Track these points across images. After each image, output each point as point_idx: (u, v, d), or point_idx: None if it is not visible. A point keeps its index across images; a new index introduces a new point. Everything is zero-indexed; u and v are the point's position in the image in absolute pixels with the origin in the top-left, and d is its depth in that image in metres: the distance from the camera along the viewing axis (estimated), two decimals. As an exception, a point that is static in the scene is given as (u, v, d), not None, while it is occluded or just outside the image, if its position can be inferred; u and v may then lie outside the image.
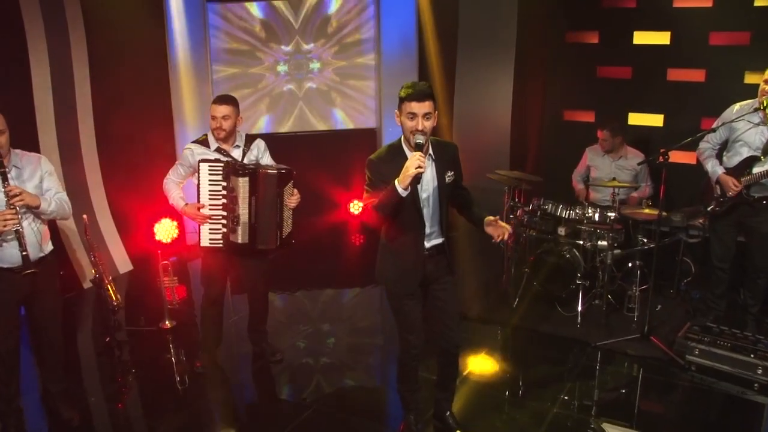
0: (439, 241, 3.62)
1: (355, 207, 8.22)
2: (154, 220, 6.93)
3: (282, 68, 7.89)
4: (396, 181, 3.22)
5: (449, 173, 3.51)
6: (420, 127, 3.27)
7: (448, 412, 4.02)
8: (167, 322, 5.49)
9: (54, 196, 3.87)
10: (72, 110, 6.31)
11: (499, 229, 3.52)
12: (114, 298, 5.19)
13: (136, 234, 6.94)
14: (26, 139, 5.89)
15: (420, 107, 3.27)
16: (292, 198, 4.53)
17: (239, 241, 4.41)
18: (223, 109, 4.33)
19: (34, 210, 3.72)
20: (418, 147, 3.24)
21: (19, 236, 3.61)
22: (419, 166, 3.15)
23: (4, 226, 3.54)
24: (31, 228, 3.77)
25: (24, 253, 3.63)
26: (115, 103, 6.63)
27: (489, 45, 7.20)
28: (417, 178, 3.21)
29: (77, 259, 6.30)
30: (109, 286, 5.20)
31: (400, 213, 3.43)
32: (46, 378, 4.21)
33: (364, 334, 5.48)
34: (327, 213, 8.17)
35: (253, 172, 4.35)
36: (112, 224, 6.81)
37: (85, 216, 5.27)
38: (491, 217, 3.58)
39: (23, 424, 4.16)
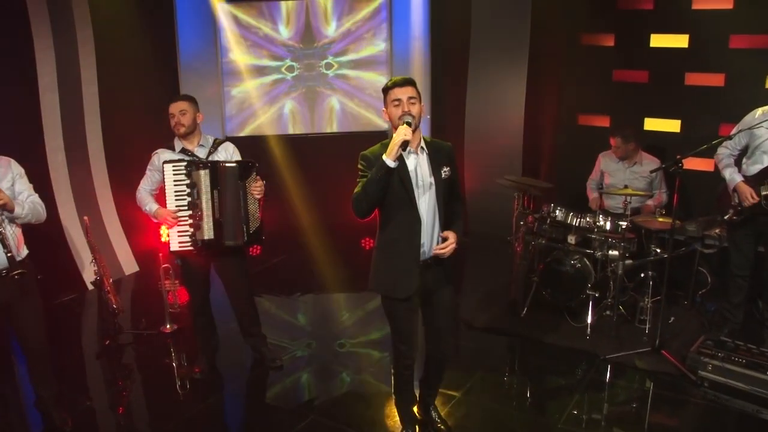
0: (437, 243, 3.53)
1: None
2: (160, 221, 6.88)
3: (293, 69, 7.81)
4: (383, 155, 3.24)
5: (445, 169, 3.49)
6: (407, 109, 3.29)
7: (432, 406, 4.08)
8: (168, 326, 5.43)
9: (27, 200, 3.81)
10: (79, 111, 6.29)
11: (444, 244, 3.46)
12: (114, 301, 5.14)
13: (142, 235, 6.90)
14: (32, 140, 5.90)
15: (403, 91, 3.32)
16: (255, 185, 4.41)
17: (205, 237, 4.38)
18: (179, 105, 4.34)
19: (8, 214, 3.65)
20: (407, 125, 3.25)
21: (3, 237, 3.55)
22: (405, 135, 3.18)
23: None
24: (10, 230, 3.71)
25: (9, 254, 3.56)
26: (122, 104, 6.60)
27: (502, 47, 7.03)
28: (404, 146, 3.22)
29: (81, 260, 6.26)
30: (109, 288, 5.15)
31: (397, 214, 3.40)
32: (36, 383, 4.14)
33: (369, 342, 5.36)
34: (337, 217, 8.05)
35: (213, 165, 4.34)
36: (118, 225, 6.78)
37: (86, 218, 5.22)
38: (449, 233, 3.48)
39: (17, 426, 4.12)
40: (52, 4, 5.79)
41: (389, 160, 3.21)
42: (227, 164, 4.38)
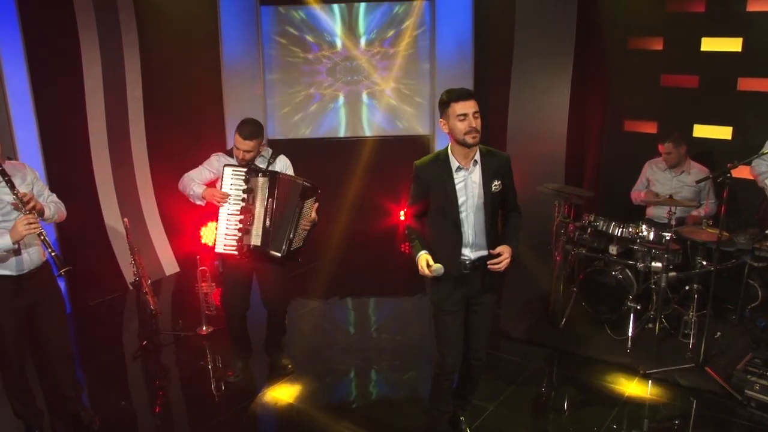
0: (484, 253, 3.52)
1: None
2: (201, 223, 6.96)
3: (335, 72, 7.82)
4: (417, 257, 3.46)
5: (496, 182, 3.47)
6: (474, 125, 3.28)
7: (462, 418, 4.06)
8: (204, 328, 5.48)
9: (48, 200, 3.86)
10: (123, 113, 6.40)
11: (497, 260, 3.45)
12: (151, 303, 5.21)
13: (183, 237, 6.99)
14: (78, 142, 6.03)
15: (468, 106, 3.31)
16: (312, 214, 4.44)
17: (252, 243, 4.35)
18: (247, 145, 4.26)
19: (40, 217, 3.69)
20: (436, 271, 3.41)
21: (44, 238, 3.60)
22: (422, 271, 3.42)
23: (32, 229, 3.52)
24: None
25: (53, 253, 3.59)
26: (165, 106, 6.68)
27: (546, 50, 6.91)
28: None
29: (124, 260, 6.37)
30: (147, 290, 5.21)
31: (440, 224, 3.49)
32: (61, 385, 4.18)
33: (403, 348, 5.30)
34: (377, 220, 8.05)
35: (273, 174, 4.34)
36: (160, 226, 6.88)
37: (126, 219, 5.30)
38: (503, 248, 3.46)
39: (47, 426, 4.19)
40: (99, 8, 5.91)
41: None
42: (289, 176, 4.40)
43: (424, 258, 3.42)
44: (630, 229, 5.08)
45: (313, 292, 6.36)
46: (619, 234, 5.14)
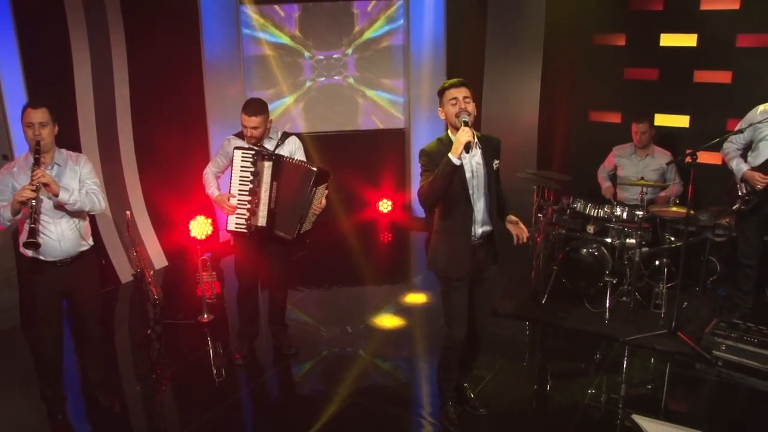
0: (488, 228, 3.84)
1: (384, 206, 8.36)
2: (189, 217, 7.12)
3: (312, 68, 8.05)
4: (449, 153, 3.46)
5: (496, 161, 3.79)
6: (463, 107, 3.57)
7: (465, 385, 4.35)
8: (205, 316, 5.67)
9: (83, 189, 3.96)
10: (111, 111, 6.51)
11: (519, 230, 3.82)
12: (155, 292, 5.37)
13: (171, 231, 7.12)
14: (69, 139, 6.09)
15: (459, 91, 3.62)
16: (322, 200, 4.66)
17: (259, 224, 4.59)
18: (253, 121, 4.46)
19: (54, 198, 3.79)
20: (465, 125, 3.49)
21: (33, 211, 3.66)
22: (469, 136, 3.41)
23: (20, 196, 3.62)
24: (74, 222, 3.95)
25: (32, 225, 3.65)
26: (151, 104, 6.80)
27: (517, 46, 7.31)
28: (467, 147, 3.42)
29: (116, 254, 6.50)
30: (150, 279, 5.38)
31: (452, 203, 3.68)
32: (87, 366, 4.38)
33: (398, 327, 5.61)
34: (356, 212, 8.33)
35: (278, 158, 4.54)
36: (148, 221, 7.00)
37: (128, 212, 5.45)
38: (514, 217, 3.85)
39: (68, 409, 4.36)
40: (88, 8, 6.02)
41: (454, 158, 3.43)
42: (293, 160, 4.59)
43: (465, 130, 3.44)
44: (606, 209, 5.52)
45: (303, 280, 6.59)
46: (595, 214, 5.57)
